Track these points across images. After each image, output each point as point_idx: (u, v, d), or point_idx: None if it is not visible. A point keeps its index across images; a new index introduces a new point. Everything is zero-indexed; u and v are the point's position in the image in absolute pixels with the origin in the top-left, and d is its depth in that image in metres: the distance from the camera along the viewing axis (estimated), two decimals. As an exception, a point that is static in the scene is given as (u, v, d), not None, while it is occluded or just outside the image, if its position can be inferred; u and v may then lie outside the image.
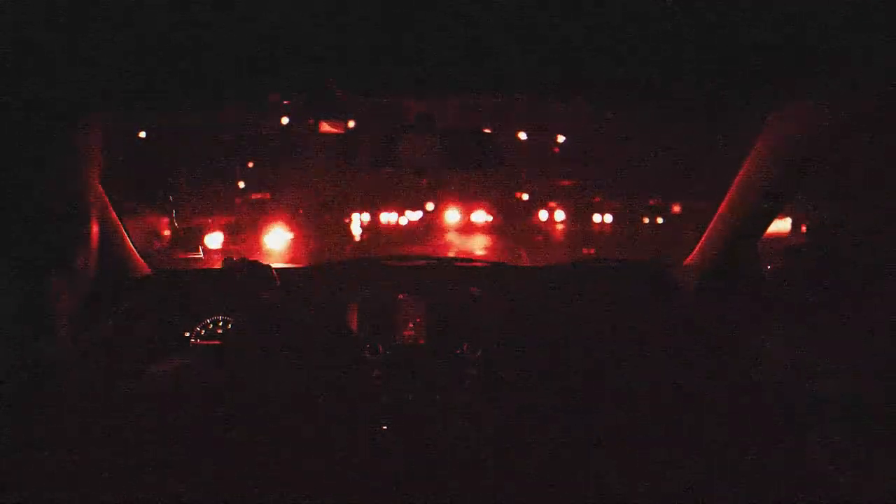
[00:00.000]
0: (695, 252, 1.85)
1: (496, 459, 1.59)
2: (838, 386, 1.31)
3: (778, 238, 1.73)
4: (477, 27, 0.98)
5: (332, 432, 1.62)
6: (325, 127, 1.69)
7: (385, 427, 1.61)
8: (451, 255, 3.92)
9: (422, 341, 1.75)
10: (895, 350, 1.25)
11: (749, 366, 1.62)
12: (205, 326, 1.78)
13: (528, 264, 2.05)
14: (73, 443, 1.34)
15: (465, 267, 2.09)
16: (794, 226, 1.89)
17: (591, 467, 1.62)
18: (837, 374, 1.33)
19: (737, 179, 1.63)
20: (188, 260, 2.21)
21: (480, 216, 10.21)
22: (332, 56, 1.11)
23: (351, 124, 1.68)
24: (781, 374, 1.50)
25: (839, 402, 1.30)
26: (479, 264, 2.09)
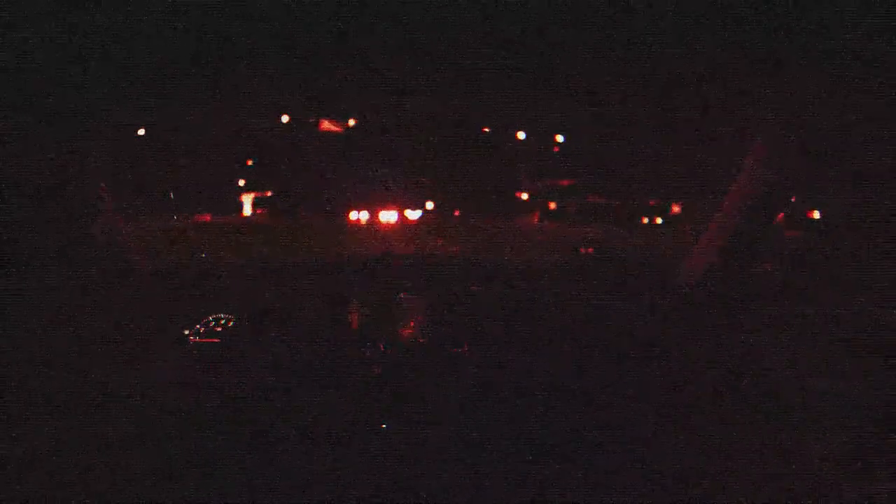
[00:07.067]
0: (695, 252, 1.84)
1: (496, 456, 1.59)
2: (838, 385, 1.31)
3: (778, 238, 1.73)
4: (476, 24, 0.98)
5: (332, 431, 1.61)
6: (326, 125, 1.69)
7: (385, 426, 1.61)
8: (451, 253, 3.92)
9: (422, 340, 1.75)
10: (893, 349, 1.25)
11: (749, 365, 1.62)
12: (204, 324, 1.78)
13: (529, 263, 2.05)
14: (69, 440, 1.34)
15: (466, 265, 2.09)
16: (794, 225, 1.89)
17: (590, 465, 1.62)
18: (837, 374, 1.33)
19: (737, 180, 1.63)
20: (188, 257, 2.21)
21: (481, 215, 10.21)
22: (331, 54, 1.11)
23: (351, 122, 1.68)
24: (781, 373, 1.50)
25: (839, 402, 1.30)
26: (479, 263, 2.09)
